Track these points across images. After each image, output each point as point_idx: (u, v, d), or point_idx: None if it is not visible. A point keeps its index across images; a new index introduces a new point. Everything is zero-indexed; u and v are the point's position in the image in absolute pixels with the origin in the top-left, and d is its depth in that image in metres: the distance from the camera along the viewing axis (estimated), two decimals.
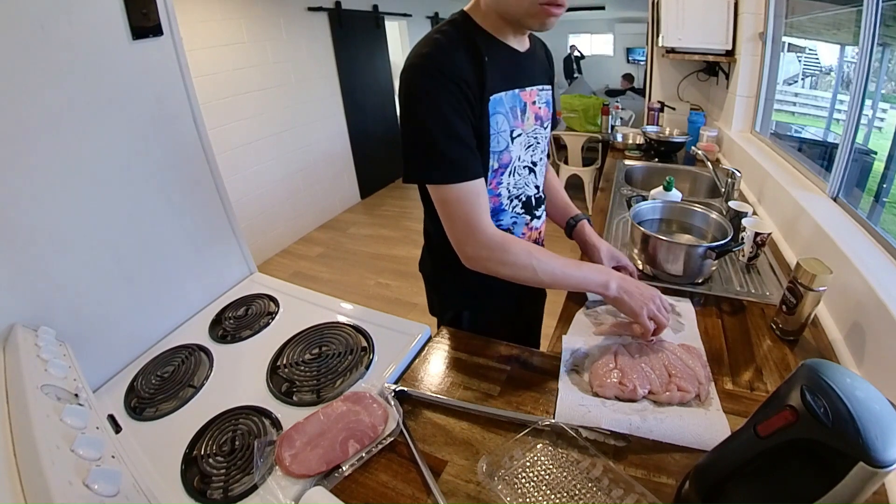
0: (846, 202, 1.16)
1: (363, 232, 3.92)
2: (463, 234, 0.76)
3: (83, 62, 0.81)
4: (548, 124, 0.92)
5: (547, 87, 0.91)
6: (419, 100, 0.71)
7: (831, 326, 0.91)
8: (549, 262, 0.78)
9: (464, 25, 0.76)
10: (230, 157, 3.08)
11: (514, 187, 0.87)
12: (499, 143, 0.79)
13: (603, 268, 0.85)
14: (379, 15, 4.35)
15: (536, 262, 0.77)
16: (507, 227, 0.90)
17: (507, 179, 0.85)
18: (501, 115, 0.78)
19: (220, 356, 0.93)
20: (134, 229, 0.94)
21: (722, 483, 0.50)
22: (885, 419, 0.39)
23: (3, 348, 0.69)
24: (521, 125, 0.83)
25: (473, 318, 0.98)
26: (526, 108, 0.83)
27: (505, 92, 0.78)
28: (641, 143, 2.31)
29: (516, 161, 0.84)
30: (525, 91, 0.82)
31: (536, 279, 0.78)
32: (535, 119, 0.86)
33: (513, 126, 0.81)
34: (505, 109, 0.79)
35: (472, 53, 0.73)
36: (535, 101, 0.85)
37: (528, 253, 0.77)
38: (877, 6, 1.14)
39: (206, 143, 1.08)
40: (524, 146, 0.85)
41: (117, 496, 0.48)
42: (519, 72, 0.81)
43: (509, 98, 0.79)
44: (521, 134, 0.83)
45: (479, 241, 0.75)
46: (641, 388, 0.72)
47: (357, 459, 0.65)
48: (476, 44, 0.73)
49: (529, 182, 0.90)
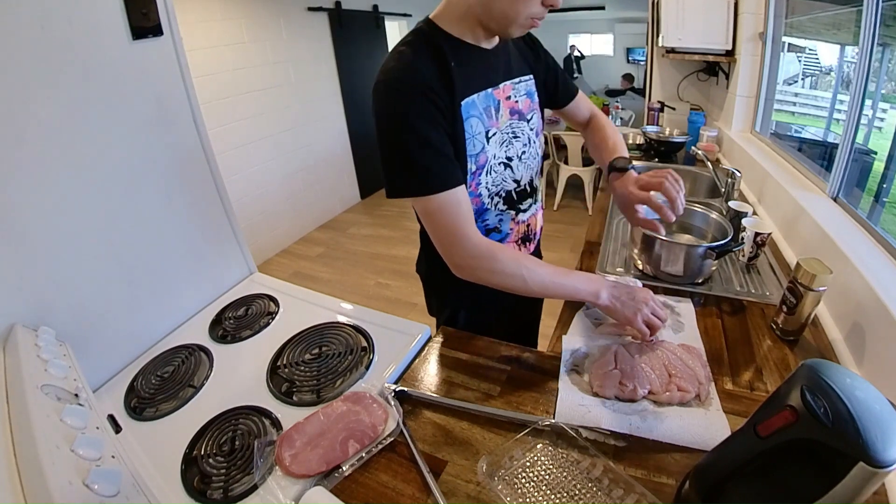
0: (846, 202, 1.16)
1: (363, 232, 3.92)
2: (449, 244, 0.76)
3: (83, 62, 0.81)
4: (532, 116, 0.89)
5: (526, 77, 0.88)
6: (390, 115, 0.71)
7: (831, 326, 0.91)
8: (539, 270, 0.78)
9: (429, 34, 0.75)
10: (230, 157, 3.08)
11: (493, 185, 0.86)
12: (475, 146, 0.78)
13: (594, 276, 0.84)
14: (379, 15, 4.36)
15: (526, 270, 0.76)
16: (495, 225, 0.90)
17: (484, 179, 0.84)
18: (475, 117, 0.77)
19: (220, 356, 0.94)
20: (134, 229, 0.94)
21: (722, 483, 0.50)
22: (885, 419, 0.39)
23: (3, 348, 0.69)
24: (496, 124, 0.82)
25: (470, 318, 0.98)
26: (500, 106, 0.82)
27: (477, 94, 0.78)
28: (641, 143, 2.31)
29: (492, 160, 0.83)
30: (497, 88, 0.82)
31: (526, 288, 0.77)
32: (511, 114, 0.85)
33: (488, 127, 0.80)
34: (478, 111, 0.78)
35: (438, 61, 0.72)
36: (509, 95, 0.84)
37: (516, 262, 0.77)
38: (877, 6, 1.14)
39: (206, 144, 1.08)
40: (498, 144, 0.84)
41: (117, 496, 0.48)
42: (490, 70, 0.81)
43: (482, 99, 0.79)
44: (496, 132, 0.82)
45: (465, 250, 0.75)
46: (641, 389, 0.72)
47: (357, 459, 0.65)
48: (442, 51, 0.73)
49: (507, 177, 0.88)
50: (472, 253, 0.75)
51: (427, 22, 0.77)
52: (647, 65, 2.79)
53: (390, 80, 0.70)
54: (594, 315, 0.94)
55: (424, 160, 0.71)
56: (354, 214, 4.31)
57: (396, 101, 0.70)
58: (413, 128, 0.70)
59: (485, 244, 0.76)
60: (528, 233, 0.98)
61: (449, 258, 0.78)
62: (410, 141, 0.70)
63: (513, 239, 0.94)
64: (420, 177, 0.71)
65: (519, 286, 0.77)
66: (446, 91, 0.72)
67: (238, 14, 3.04)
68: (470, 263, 0.76)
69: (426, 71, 0.71)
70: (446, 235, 0.76)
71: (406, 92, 0.70)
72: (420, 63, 0.71)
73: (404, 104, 0.70)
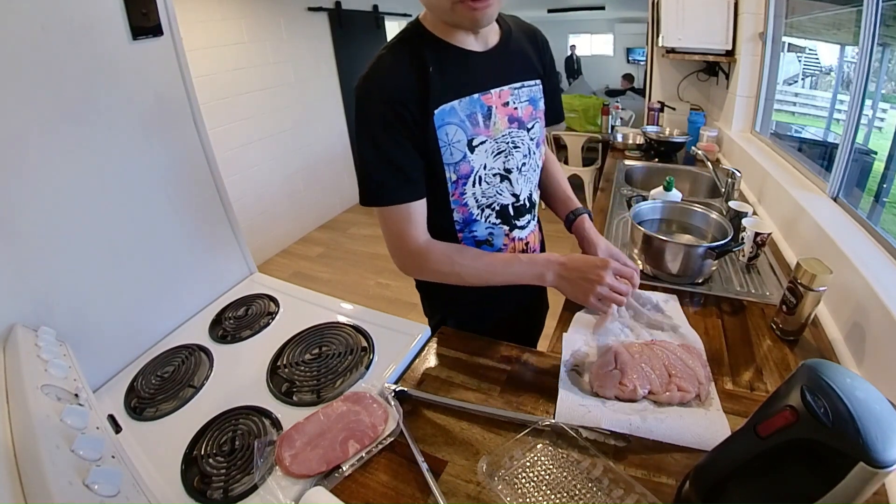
0: (846, 202, 1.16)
1: (363, 232, 3.92)
2: (392, 247, 0.81)
3: (83, 62, 0.81)
4: (534, 125, 0.85)
5: (530, 83, 0.83)
6: (358, 123, 0.74)
7: (831, 326, 0.91)
8: (473, 264, 0.80)
9: (413, 35, 0.74)
10: (230, 157, 3.08)
11: (483, 196, 0.83)
12: (453, 155, 0.76)
13: (539, 258, 0.83)
14: (379, 15, 4.36)
15: (459, 267, 0.80)
16: (485, 238, 0.87)
17: (471, 189, 0.81)
18: (454, 125, 0.75)
19: (221, 356, 0.94)
20: (134, 229, 0.94)
21: (722, 483, 0.50)
22: (885, 419, 0.39)
23: (3, 348, 0.69)
24: (486, 132, 0.78)
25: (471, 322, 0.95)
26: (492, 113, 0.78)
27: (458, 100, 0.74)
28: (641, 143, 2.31)
29: (481, 170, 0.80)
30: (489, 94, 0.77)
31: (465, 282, 0.81)
32: (510, 122, 0.81)
33: (472, 135, 0.77)
34: (459, 118, 0.75)
35: (415, 66, 0.71)
36: (507, 101, 0.80)
37: (449, 260, 0.80)
38: (877, 6, 1.14)
39: (206, 143, 1.08)
40: (491, 153, 0.80)
41: (117, 496, 0.48)
42: (477, 75, 0.77)
43: (465, 105, 0.75)
44: (486, 141, 0.78)
45: (403, 253, 0.80)
46: (641, 389, 0.72)
47: (357, 459, 0.65)
48: (422, 55, 0.72)
49: (503, 190, 0.84)
50: (408, 255, 0.80)
51: (415, 23, 0.76)
52: (647, 65, 2.79)
53: (362, 87, 0.72)
54: (594, 313, 0.93)
55: (379, 175, 0.74)
56: (354, 214, 4.30)
57: (365, 110, 0.72)
58: (374, 139, 0.73)
59: (422, 246, 0.79)
60: (526, 251, 0.94)
61: (394, 260, 0.83)
62: (370, 151, 0.73)
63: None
64: (372, 188, 0.76)
65: (457, 281, 0.81)
66: (418, 101, 0.71)
67: (238, 14, 3.04)
68: (407, 264, 0.82)
69: (400, 80, 0.71)
70: (391, 239, 0.80)
71: (373, 102, 0.71)
72: (395, 70, 0.72)
73: (370, 114, 0.72)
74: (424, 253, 0.79)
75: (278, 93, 3.44)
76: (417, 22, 0.76)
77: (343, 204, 4.37)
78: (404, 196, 0.76)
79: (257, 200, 3.35)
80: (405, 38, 0.75)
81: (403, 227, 0.78)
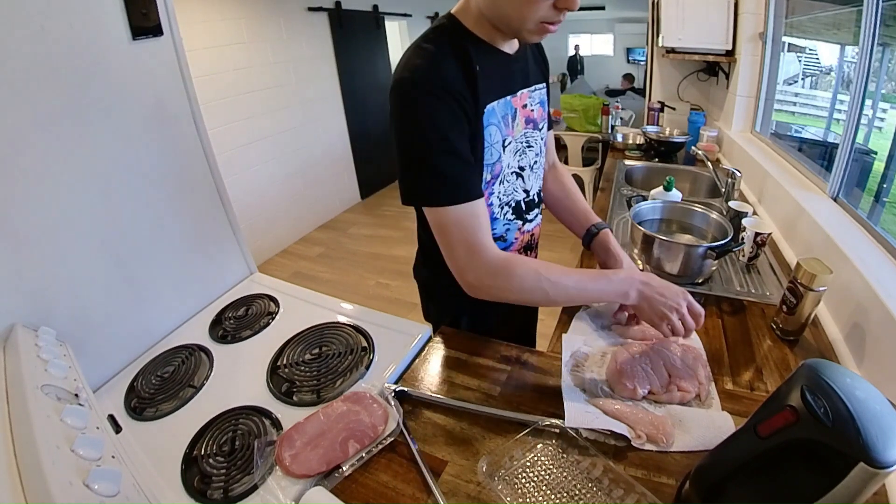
0: (846, 202, 1.16)
1: (363, 232, 3.92)
2: (464, 261, 0.71)
3: (83, 62, 0.81)
4: (543, 125, 0.88)
5: (541, 86, 0.87)
6: (413, 116, 0.66)
7: (831, 326, 0.91)
8: (562, 280, 0.73)
9: (453, 32, 0.71)
10: (230, 157, 3.08)
11: (504, 194, 0.84)
12: (492, 155, 0.76)
13: (622, 274, 0.79)
14: (379, 15, 4.35)
15: (548, 283, 0.72)
16: (501, 234, 0.88)
17: (497, 188, 0.82)
18: (494, 125, 0.74)
19: (221, 356, 0.93)
20: (134, 229, 0.94)
21: (722, 483, 0.50)
22: (885, 419, 0.39)
23: (3, 348, 0.69)
24: (512, 132, 0.79)
25: (472, 323, 0.96)
26: (516, 114, 0.80)
27: (497, 101, 0.74)
28: (641, 143, 2.31)
29: (506, 169, 0.81)
30: (516, 96, 0.79)
31: (549, 301, 0.74)
32: (526, 123, 0.83)
33: (505, 135, 0.77)
34: (497, 119, 0.75)
35: (463, 63, 0.68)
36: (526, 103, 0.82)
37: (536, 275, 0.71)
38: (877, 6, 1.14)
39: (206, 144, 1.08)
40: (513, 153, 0.82)
41: (117, 496, 0.48)
42: (510, 77, 0.78)
43: (501, 107, 0.76)
44: (512, 141, 0.80)
45: (481, 268, 0.71)
46: (641, 389, 0.72)
47: (357, 459, 0.65)
48: (467, 52, 0.69)
49: (518, 187, 0.86)
50: (488, 271, 0.71)
51: (449, 18, 0.72)
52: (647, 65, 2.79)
53: (416, 79, 0.65)
54: (595, 313, 0.94)
55: (448, 168, 0.66)
56: (354, 214, 4.30)
57: (422, 102, 0.65)
58: (439, 132, 0.65)
59: (502, 259, 0.72)
60: (530, 242, 0.97)
61: (462, 275, 0.73)
62: (435, 146, 0.65)
63: (516, 248, 0.92)
64: (442, 185, 0.67)
65: (540, 299, 0.74)
66: (471, 95, 0.68)
67: (238, 14, 3.04)
68: (486, 282, 0.72)
69: (453, 72, 0.66)
70: (463, 251, 0.70)
71: (433, 92, 0.64)
72: (446, 63, 0.67)
73: (433, 104, 0.65)
74: (508, 266, 0.71)
75: (278, 93, 3.44)
76: (453, 17, 0.72)
77: (343, 204, 4.37)
78: (477, 191, 0.69)
79: (257, 200, 3.35)
80: (445, 34, 0.71)
81: (476, 234, 0.69)
